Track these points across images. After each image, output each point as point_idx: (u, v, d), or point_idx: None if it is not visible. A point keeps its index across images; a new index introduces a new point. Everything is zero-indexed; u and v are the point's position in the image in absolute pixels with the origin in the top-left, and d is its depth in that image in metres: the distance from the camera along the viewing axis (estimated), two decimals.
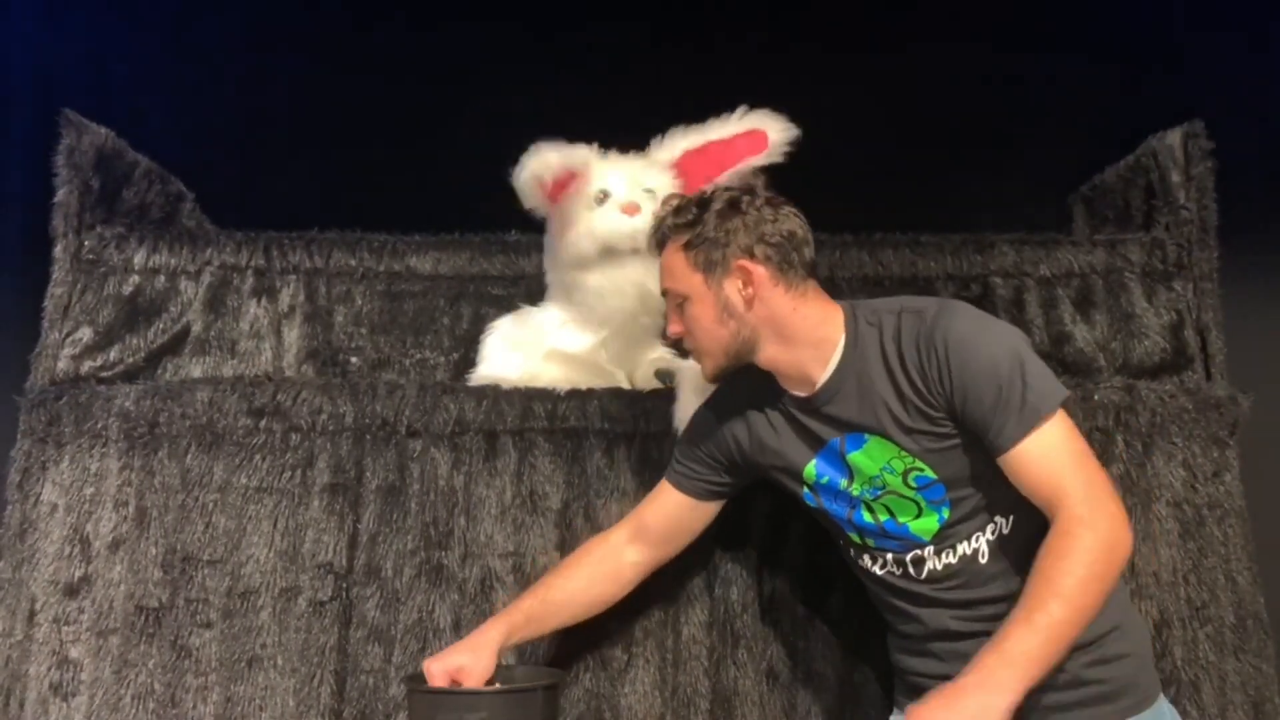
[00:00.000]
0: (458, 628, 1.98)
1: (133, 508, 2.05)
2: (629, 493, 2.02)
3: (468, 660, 1.74)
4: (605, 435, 2.05)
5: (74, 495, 2.07)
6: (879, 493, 1.70)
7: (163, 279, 2.33)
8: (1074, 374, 2.27)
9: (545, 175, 2.01)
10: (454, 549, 2.03)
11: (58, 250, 2.28)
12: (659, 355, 2.20)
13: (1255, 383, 2.17)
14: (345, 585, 2.01)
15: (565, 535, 2.02)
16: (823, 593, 1.99)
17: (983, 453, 1.62)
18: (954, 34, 3.09)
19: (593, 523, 2.02)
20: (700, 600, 2.00)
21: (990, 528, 1.67)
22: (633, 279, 2.05)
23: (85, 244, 2.30)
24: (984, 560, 1.67)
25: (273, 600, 2.00)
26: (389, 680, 1.97)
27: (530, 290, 2.31)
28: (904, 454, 1.66)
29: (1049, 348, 2.29)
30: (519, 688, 1.77)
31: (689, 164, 2.12)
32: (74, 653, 2.01)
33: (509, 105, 2.90)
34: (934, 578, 1.69)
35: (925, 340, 1.62)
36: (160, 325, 2.31)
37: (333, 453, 2.06)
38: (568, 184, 2.04)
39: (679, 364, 2.08)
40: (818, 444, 1.73)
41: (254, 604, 2.00)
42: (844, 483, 1.72)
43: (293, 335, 2.36)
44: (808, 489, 1.77)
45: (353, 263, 2.39)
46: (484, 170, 2.16)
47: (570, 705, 1.94)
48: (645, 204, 2.03)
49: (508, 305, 2.28)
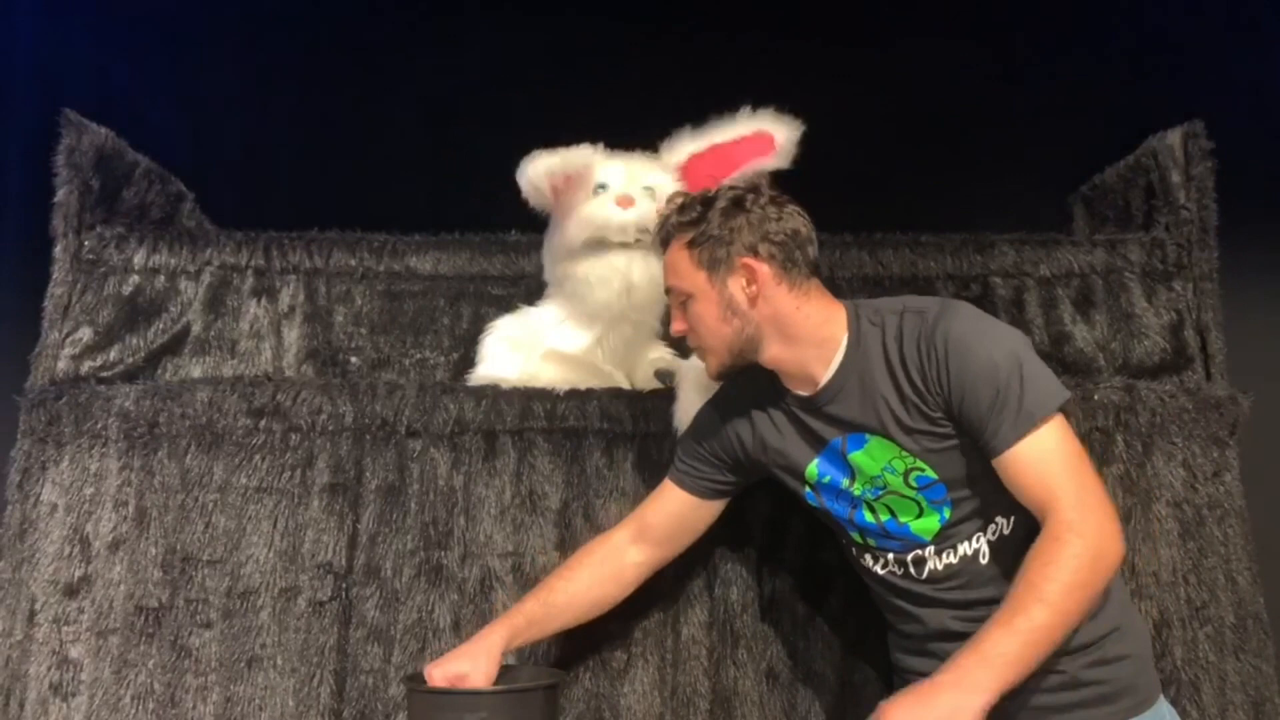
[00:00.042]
0: (457, 628, 1.98)
1: (132, 508, 2.05)
2: (628, 493, 2.02)
3: (468, 667, 1.74)
4: (604, 435, 2.05)
5: (74, 495, 2.07)
6: (880, 493, 1.70)
7: (163, 279, 2.33)
8: (1074, 374, 2.27)
9: (545, 182, 2.01)
10: (453, 549, 2.02)
11: (58, 250, 2.28)
12: (658, 355, 2.20)
13: (1255, 383, 2.17)
14: (345, 585, 2.01)
15: (564, 535, 2.02)
16: (822, 593, 1.99)
17: (983, 453, 1.62)
18: (954, 33, 3.09)
19: (592, 522, 2.01)
20: (700, 600, 2.00)
21: (991, 528, 1.67)
22: (619, 269, 2.05)
23: (85, 244, 2.30)
24: (984, 561, 1.67)
25: (272, 600, 2.00)
26: (389, 680, 1.97)
27: (530, 290, 2.31)
28: (905, 454, 1.66)
29: (1049, 348, 2.29)
30: (519, 688, 1.77)
31: (694, 167, 2.12)
32: (74, 653, 2.01)
33: (509, 105, 2.91)
34: (934, 578, 1.69)
35: (926, 340, 1.62)
36: (160, 325, 2.31)
37: (332, 453, 2.06)
38: (571, 182, 2.04)
39: (679, 364, 2.08)
40: (819, 444, 1.73)
41: (254, 604, 2.00)
42: (845, 482, 1.72)
43: (293, 335, 2.35)
44: (809, 488, 1.77)
45: (353, 263, 2.39)
46: (484, 170, 2.17)
47: (570, 705, 1.94)
48: (643, 200, 2.03)
49: (508, 305, 2.28)
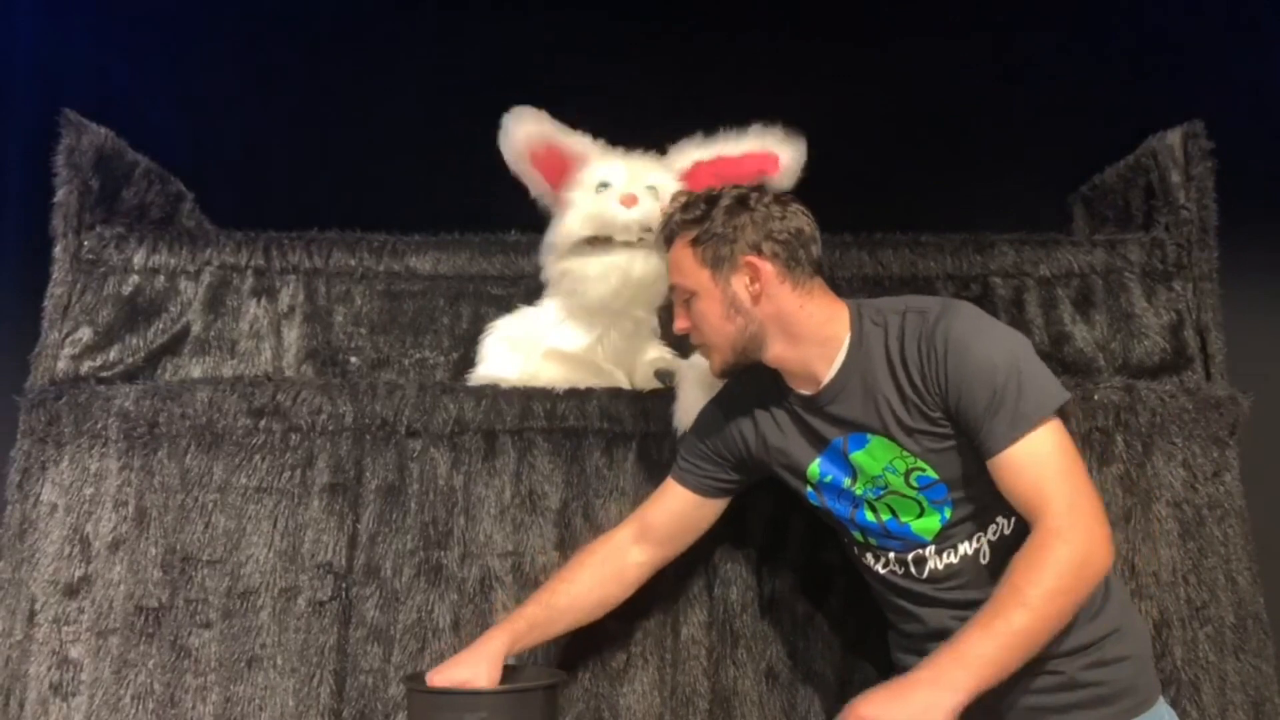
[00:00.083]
0: (457, 627, 1.98)
1: (132, 508, 2.05)
2: (628, 493, 2.02)
3: (470, 674, 1.74)
4: (604, 435, 2.05)
5: (74, 495, 2.07)
6: (881, 492, 1.70)
7: (162, 279, 2.33)
8: (1074, 374, 2.26)
9: (524, 145, 2.04)
10: (453, 549, 2.02)
11: (57, 250, 2.28)
12: (658, 355, 2.20)
13: (1255, 383, 2.17)
14: (345, 585, 2.01)
15: (564, 535, 2.02)
16: (822, 592, 1.99)
17: (979, 454, 1.62)
18: (954, 33, 3.09)
19: (592, 522, 2.01)
20: (700, 600, 2.00)
21: (992, 528, 1.67)
22: (619, 266, 2.05)
23: (85, 244, 2.30)
24: (985, 561, 1.67)
25: (272, 600, 2.00)
26: (388, 680, 1.97)
27: (530, 290, 2.31)
28: (906, 454, 1.66)
29: (1049, 348, 2.29)
30: (519, 688, 1.77)
31: (698, 174, 2.12)
32: (74, 653, 2.00)
33: (509, 105, 2.90)
34: (935, 577, 1.69)
35: (926, 340, 1.62)
36: (160, 325, 2.31)
37: (332, 453, 2.06)
38: (565, 168, 2.04)
39: (678, 364, 2.08)
40: (821, 443, 1.73)
41: (253, 604, 2.00)
42: (847, 482, 1.72)
43: (292, 335, 2.35)
44: (811, 488, 1.77)
45: (352, 263, 2.38)
46: (484, 170, 2.17)
47: (570, 705, 1.94)
48: (646, 199, 2.03)
49: (507, 305, 2.28)
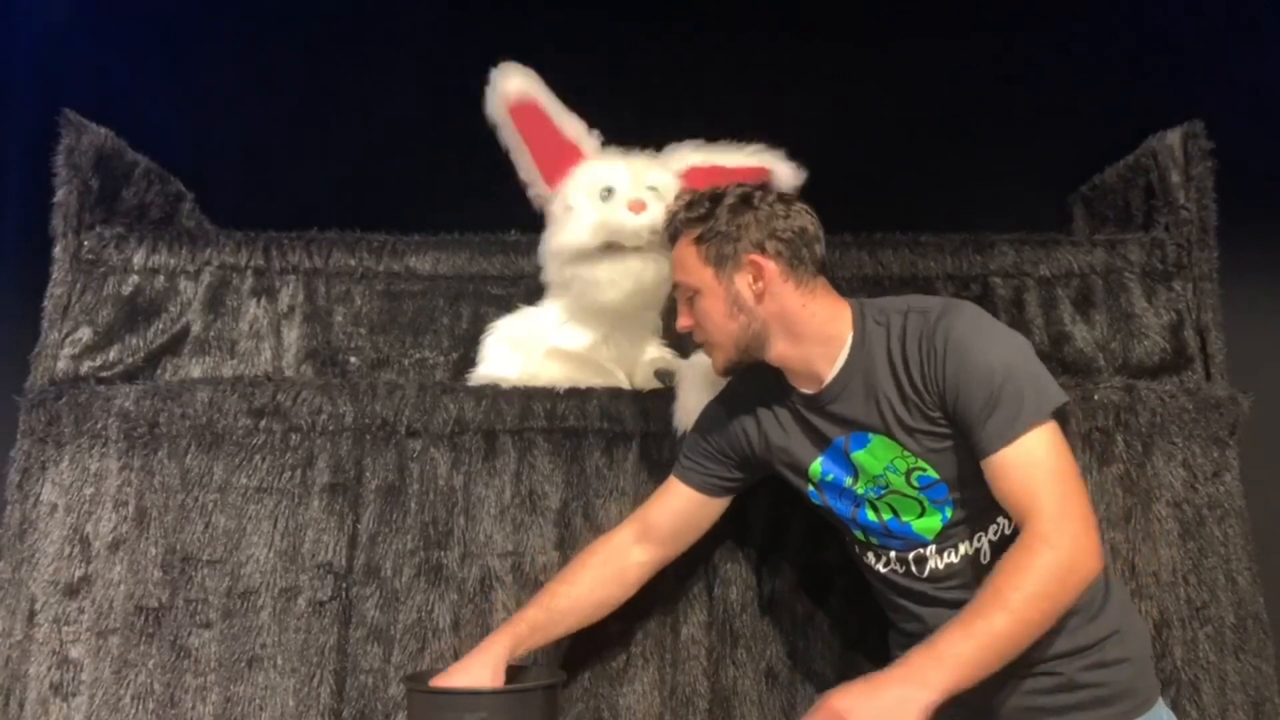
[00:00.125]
0: (457, 627, 1.98)
1: (132, 508, 2.05)
2: (628, 492, 2.02)
3: (472, 681, 1.73)
4: (604, 435, 2.05)
5: (74, 495, 2.07)
6: (883, 492, 1.70)
7: (162, 279, 2.33)
8: (1074, 374, 2.27)
9: (507, 98, 2.07)
10: (453, 549, 2.02)
11: (57, 250, 2.28)
12: (658, 355, 2.20)
13: (1255, 383, 2.17)
14: (345, 585, 2.01)
15: (564, 535, 2.02)
16: (822, 592, 1.99)
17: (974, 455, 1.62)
18: (954, 32, 3.09)
19: (592, 522, 2.01)
20: (700, 600, 2.00)
21: (992, 528, 1.67)
22: (631, 272, 2.05)
23: (85, 244, 2.30)
24: (986, 560, 1.67)
25: (272, 600, 2.00)
26: (388, 680, 1.97)
27: (530, 290, 2.31)
28: (907, 454, 1.66)
29: (1049, 348, 2.29)
30: (519, 688, 1.77)
31: (693, 177, 2.12)
32: (74, 653, 2.00)
33: None
34: (936, 576, 1.70)
35: (927, 339, 1.62)
36: (160, 325, 2.31)
37: (332, 453, 2.06)
38: (558, 152, 2.06)
39: (678, 364, 2.08)
40: (823, 442, 1.73)
41: (254, 604, 2.00)
42: (848, 481, 1.73)
43: (292, 335, 2.35)
44: (813, 486, 1.77)
45: (352, 263, 2.38)
46: (484, 170, 2.17)
47: (570, 705, 1.94)
48: (652, 202, 2.03)
49: (507, 305, 2.28)
